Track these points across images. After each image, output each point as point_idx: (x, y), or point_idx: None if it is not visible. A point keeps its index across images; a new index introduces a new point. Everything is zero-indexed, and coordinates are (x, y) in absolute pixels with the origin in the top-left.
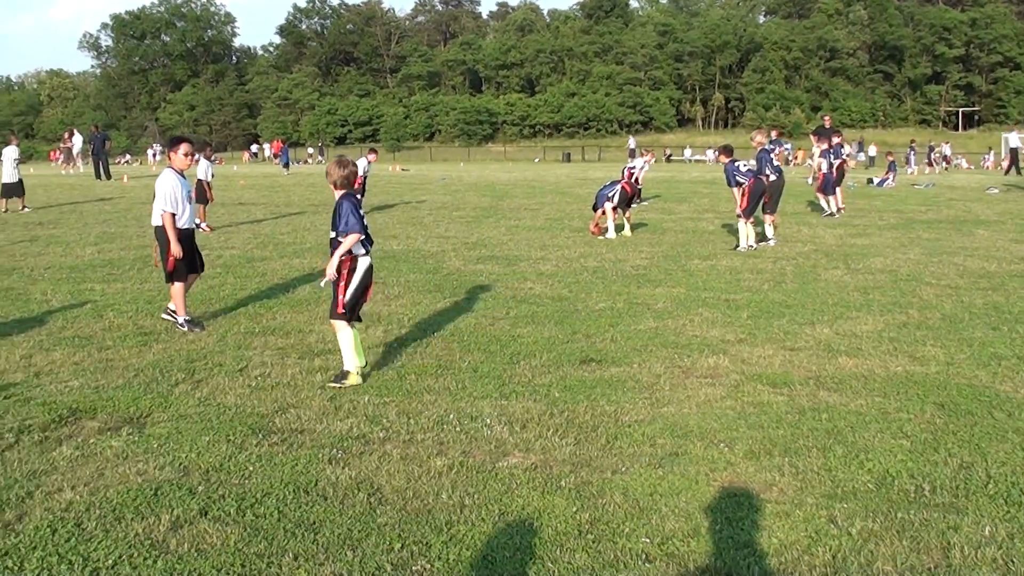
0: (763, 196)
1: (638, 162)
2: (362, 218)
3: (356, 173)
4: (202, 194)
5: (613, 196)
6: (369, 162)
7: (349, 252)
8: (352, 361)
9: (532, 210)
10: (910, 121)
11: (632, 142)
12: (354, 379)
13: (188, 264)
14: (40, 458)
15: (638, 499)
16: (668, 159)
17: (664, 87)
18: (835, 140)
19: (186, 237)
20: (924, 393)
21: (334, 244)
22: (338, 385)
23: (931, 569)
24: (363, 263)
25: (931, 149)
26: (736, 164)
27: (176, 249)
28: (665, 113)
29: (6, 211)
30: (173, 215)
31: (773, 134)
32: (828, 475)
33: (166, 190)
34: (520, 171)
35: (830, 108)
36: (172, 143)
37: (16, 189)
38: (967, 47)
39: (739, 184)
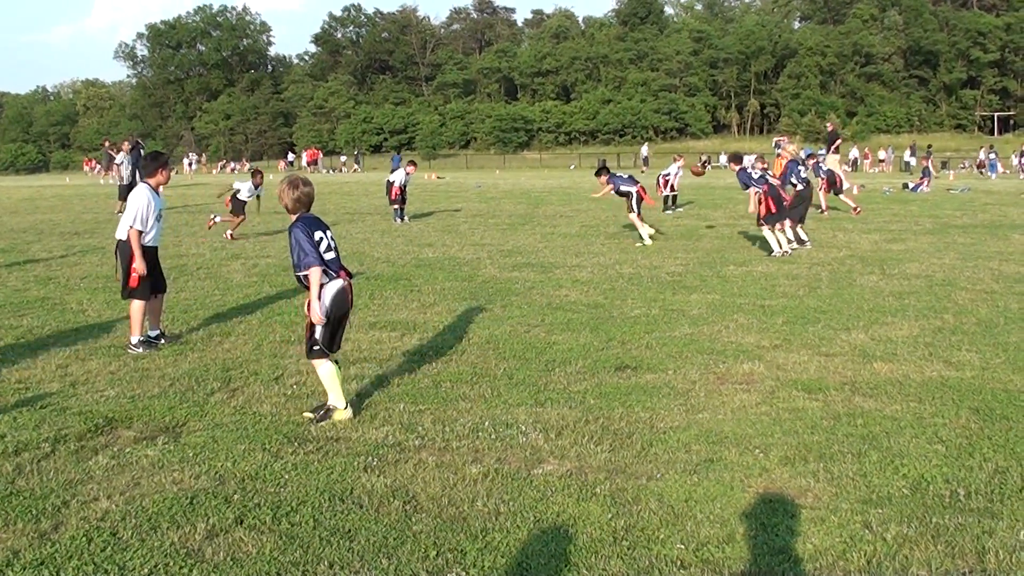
0: (785, 204)
1: (672, 168)
2: (317, 244)
3: (310, 195)
4: (239, 208)
5: (631, 202)
6: (408, 174)
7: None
8: (338, 397)
9: (567, 217)
10: (945, 126)
11: (644, 150)
12: (341, 414)
13: (153, 283)
14: (76, 467)
15: (673, 505)
16: (704, 165)
17: (699, 93)
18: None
19: (151, 255)
20: (959, 398)
21: (301, 281)
22: (317, 419)
23: (966, 574)
24: (330, 289)
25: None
26: (747, 171)
27: (140, 266)
28: (700, 119)
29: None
30: (140, 232)
31: (792, 146)
32: (863, 480)
33: (139, 206)
34: (555, 178)
35: (865, 113)
36: (155, 160)
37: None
38: (1002, 51)
39: (754, 187)
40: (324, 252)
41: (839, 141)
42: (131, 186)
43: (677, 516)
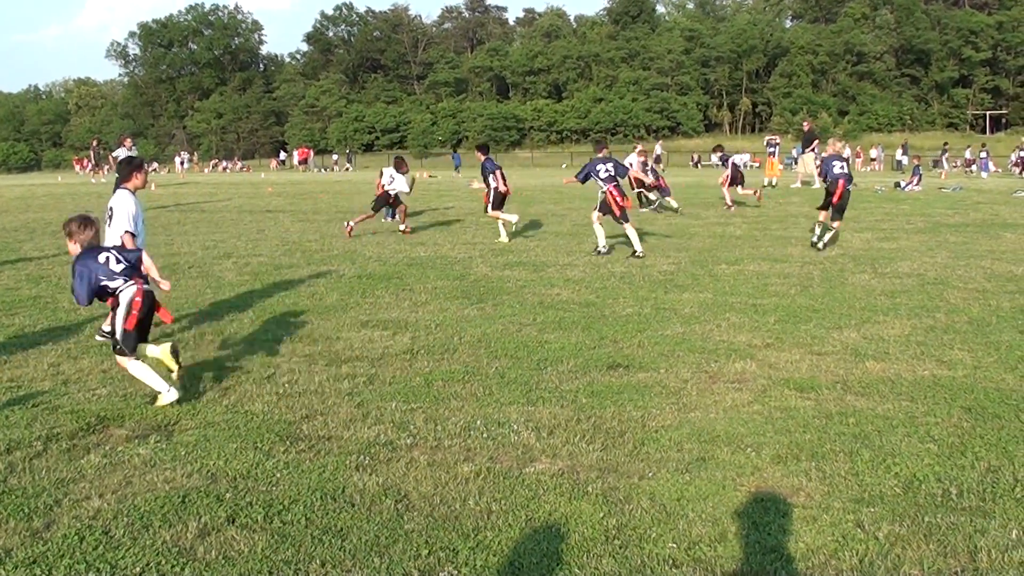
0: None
1: (631, 158)
2: (89, 282)
3: (97, 234)
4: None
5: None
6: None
7: (111, 292)
8: (157, 383)
9: (559, 216)
10: (937, 125)
11: (659, 148)
12: (164, 398)
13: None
14: (68, 466)
15: (665, 504)
16: (696, 164)
17: (691, 92)
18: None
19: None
20: (951, 397)
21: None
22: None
23: (958, 573)
24: (126, 295)
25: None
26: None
27: (153, 271)
28: (692, 118)
29: None
30: (133, 235)
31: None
32: (855, 479)
33: (127, 209)
34: (547, 177)
35: (857, 112)
36: (130, 164)
37: None
38: (994, 50)
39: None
40: (115, 266)
41: (816, 141)
42: None
43: (669, 515)
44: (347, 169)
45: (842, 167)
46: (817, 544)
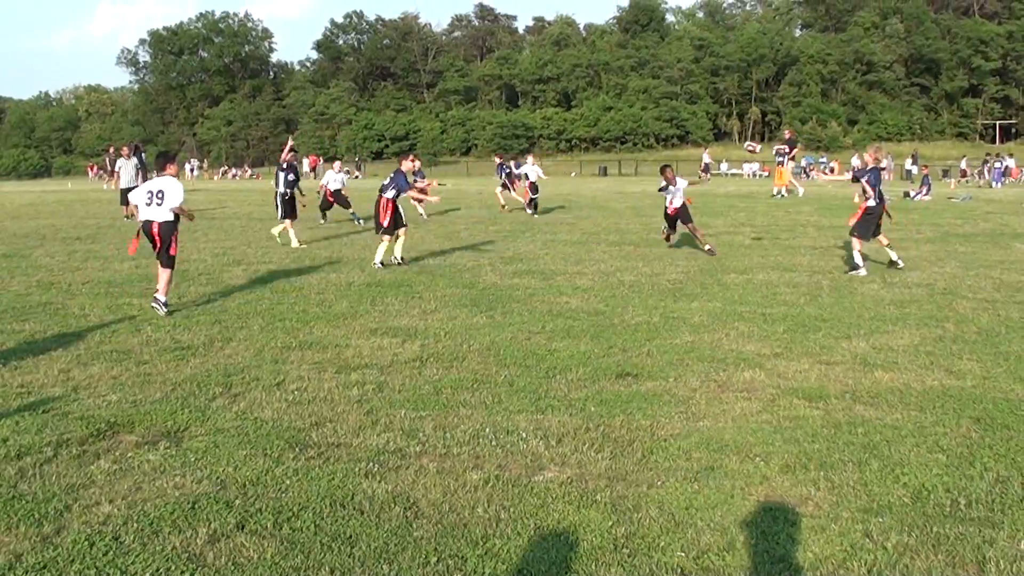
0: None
1: (526, 167)
2: None
3: None
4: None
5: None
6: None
7: None
8: None
9: (568, 224)
10: (947, 134)
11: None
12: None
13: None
14: (78, 472)
15: (674, 513)
16: (705, 172)
17: (700, 101)
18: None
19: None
20: (960, 407)
21: None
22: None
23: None
24: None
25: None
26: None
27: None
28: (702, 127)
29: (128, 216)
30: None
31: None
32: (864, 489)
33: (182, 187)
34: (556, 185)
35: (867, 121)
36: (165, 156)
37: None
38: (1004, 60)
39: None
40: None
41: (796, 149)
42: (133, 189)
43: (678, 524)
44: (356, 176)
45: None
46: (826, 554)
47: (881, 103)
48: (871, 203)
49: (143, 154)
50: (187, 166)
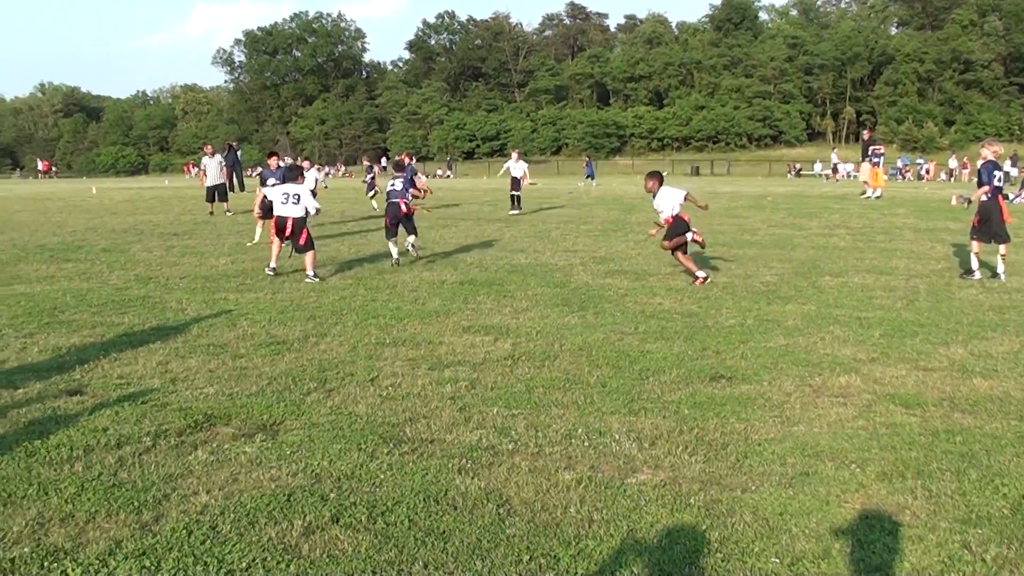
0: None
1: (510, 164)
2: None
3: None
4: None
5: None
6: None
7: None
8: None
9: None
10: None
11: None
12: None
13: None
14: (176, 462)
15: (768, 519)
16: (798, 174)
17: (794, 100)
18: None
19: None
20: None
21: None
22: None
23: None
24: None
25: None
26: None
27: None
28: (795, 127)
29: (212, 213)
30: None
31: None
32: (962, 499)
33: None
34: None
35: (964, 122)
36: (297, 170)
37: (223, 193)
38: None
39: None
40: None
41: (871, 149)
42: (218, 187)
43: (772, 529)
44: (448, 176)
45: (1000, 177)
46: (923, 564)
47: (979, 103)
48: (984, 198)
49: (239, 152)
50: (319, 172)
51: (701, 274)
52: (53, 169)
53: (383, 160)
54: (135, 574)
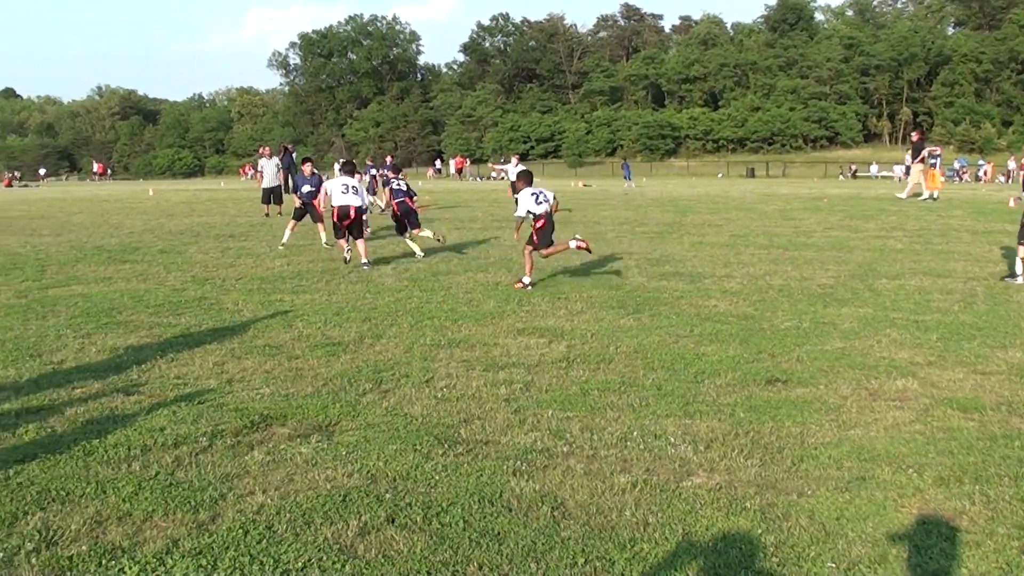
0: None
1: (509, 167)
2: None
3: None
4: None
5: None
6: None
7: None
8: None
9: (716, 226)
10: None
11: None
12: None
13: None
14: (232, 462)
15: (824, 523)
16: (854, 175)
17: (850, 101)
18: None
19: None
20: None
21: None
22: None
23: None
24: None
25: None
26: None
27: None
28: (851, 128)
29: (267, 215)
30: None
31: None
32: (1020, 505)
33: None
34: (703, 186)
35: (1022, 123)
36: (351, 166)
37: (278, 196)
38: None
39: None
40: None
41: (925, 151)
42: (274, 189)
43: (828, 534)
44: (503, 178)
45: None
46: (981, 571)
47: None
48: None
49: (294, 154)
50: (336, 167)
51: (527, 280)
52: (108, 172)
53: (388, 160)
54: (192, 573)
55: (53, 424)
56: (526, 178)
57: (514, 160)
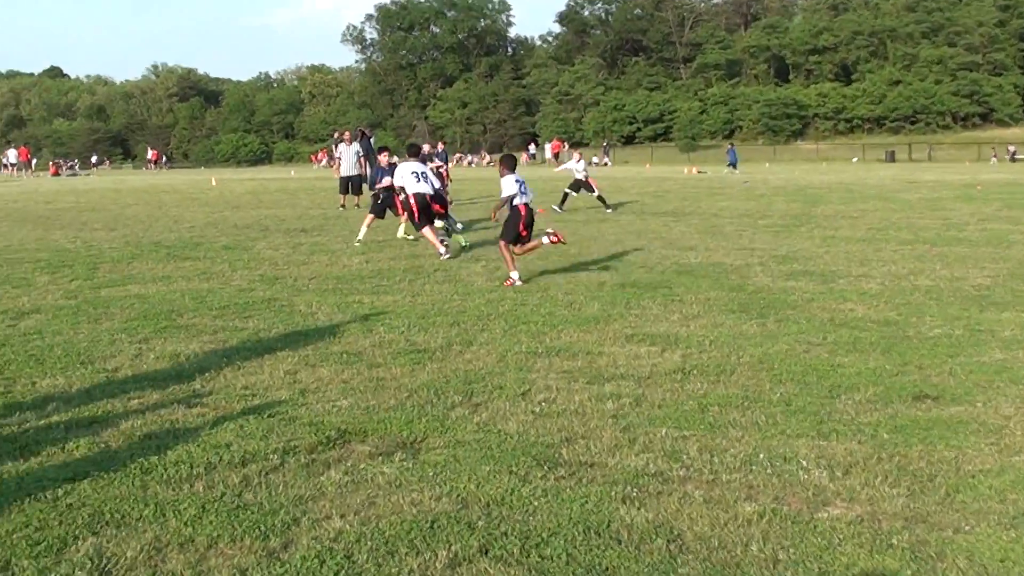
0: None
1: (571, 164)
2: None
3: None
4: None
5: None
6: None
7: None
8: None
9: (851, 218)
10: None
11: None
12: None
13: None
14: (307, 482)
15: (986, 565)
16: (1012, 158)
17: (1007, 72)
18: None
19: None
20: None
21: None
22: None
23: None
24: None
25: None
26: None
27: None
28: (1008, 103)
29: (343, 207)
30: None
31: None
32: None
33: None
34: (835, 172)
35: None
36: (417, 148)
37: (357, 185)
38: None
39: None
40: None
41: None
42: (353, 178)
43: None
44: (605, 164)
45: None
46: None
47: None
48: None
49: (372, 139)
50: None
51: (514, 276)
52: (163, 159)
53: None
54: None
55: (107, 439)
56: (509, 163)
57: (576, 156)
